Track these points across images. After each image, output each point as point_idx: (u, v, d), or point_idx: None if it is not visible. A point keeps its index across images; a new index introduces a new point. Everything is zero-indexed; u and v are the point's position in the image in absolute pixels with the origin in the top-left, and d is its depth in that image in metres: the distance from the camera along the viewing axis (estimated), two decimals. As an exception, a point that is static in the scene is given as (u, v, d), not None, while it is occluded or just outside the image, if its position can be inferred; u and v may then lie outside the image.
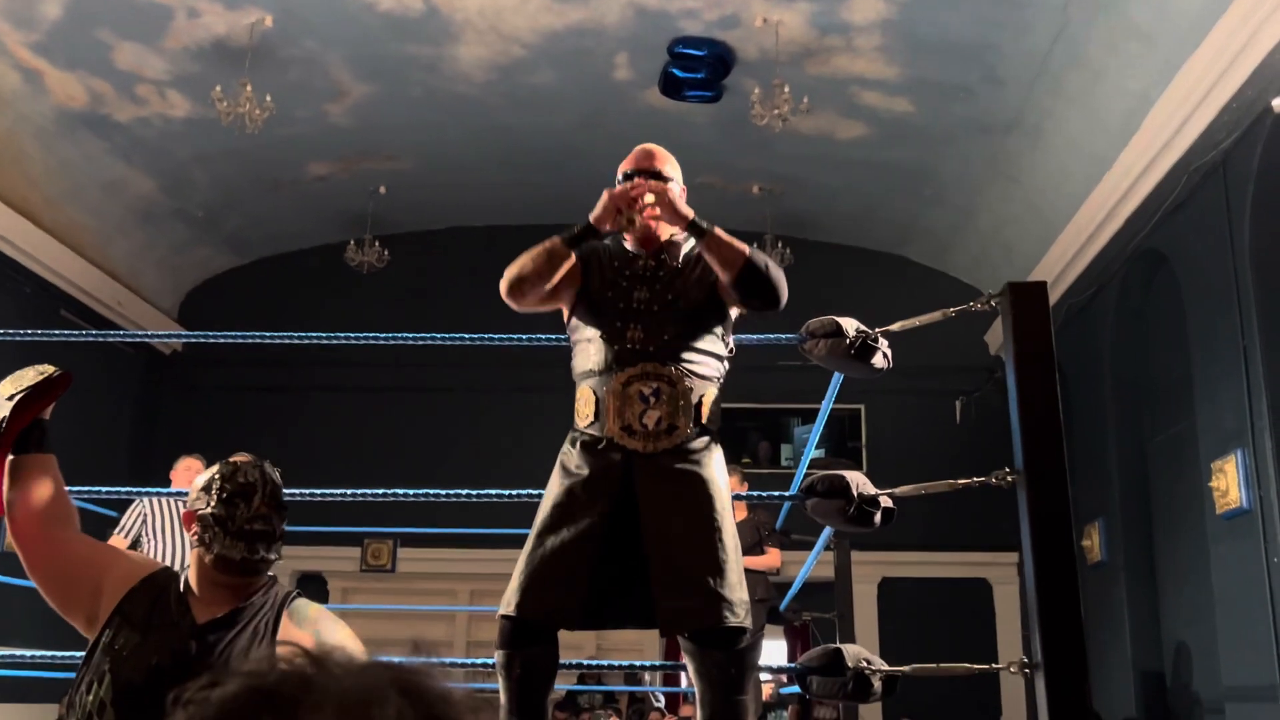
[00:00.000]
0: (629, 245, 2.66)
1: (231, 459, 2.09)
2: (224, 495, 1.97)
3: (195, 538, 1.99)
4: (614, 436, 2.44)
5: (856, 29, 7.24)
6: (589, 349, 2.55)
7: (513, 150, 9.11)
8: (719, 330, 2.59)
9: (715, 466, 2.50)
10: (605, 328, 2.53)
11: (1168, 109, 6.54)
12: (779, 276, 2.54)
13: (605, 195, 2.52)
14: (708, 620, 2.35)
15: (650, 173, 2.60)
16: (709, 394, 2.53)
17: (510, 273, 2.57)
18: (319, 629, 1.97)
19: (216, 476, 2.02)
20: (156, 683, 1.82)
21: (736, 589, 2.39)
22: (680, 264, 2.61)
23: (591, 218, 2.53)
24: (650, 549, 2.36)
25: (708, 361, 2.55)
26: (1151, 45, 6.37)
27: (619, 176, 2.65)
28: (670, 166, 2.66)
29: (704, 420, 2.50)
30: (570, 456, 2.50)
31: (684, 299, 2.55)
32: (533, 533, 2.45)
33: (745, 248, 2.52)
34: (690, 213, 2.51)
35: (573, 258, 2.55)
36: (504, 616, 2.41)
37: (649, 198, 2.50)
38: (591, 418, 2.48)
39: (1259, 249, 5.93)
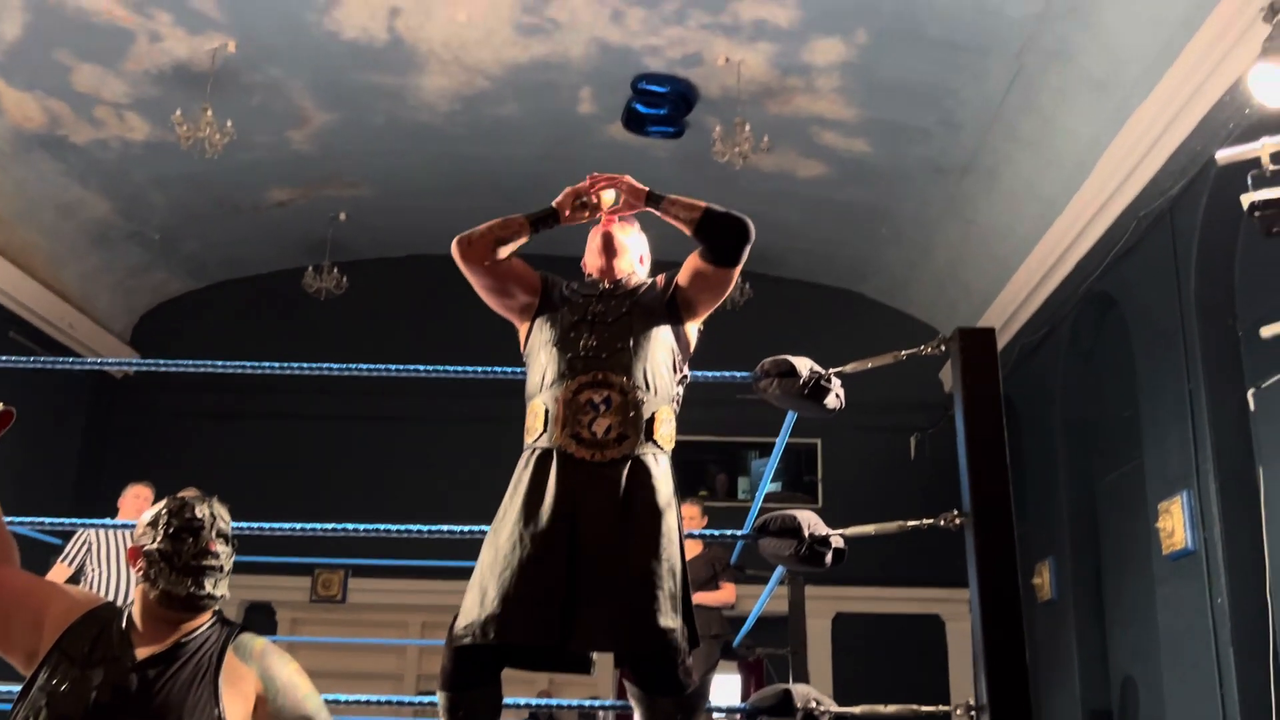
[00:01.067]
0: (589, 273, 2.75)
1: (179, 494, 2.08)
2: (170, 531, 1.96)
3: (140, 573, 1.97)
4: (562, 445, 2.40)
5: (817, 70, 7.36)
6: (541, 360, 2.56)
7: (474, 180, 9.12)
8: (674, 352, 2.61)
9: (664, 489, 2.45)
10: (559, 336, 2.55)
11: (1117, 156, 6.70)
12: (740, 215, 2.65)
13: (567, 189, 2.64)
14: (640, 645, 2.30)
15: (633, 220, 2.81)
16: (661, 412, 2.51)
17: (466, 231, 2.66)
18: (265, 665, 1.95)
19: (164, 512, 2.00)
20: (95, 718, 1.79)
21: (667, 617, 2.32)
22: (637, 289, 2.69)
23: (554, 203, 2.63)
24: (591, 564, 2.31)
25: (661, 378, 2.54)
26: (1103, 94, 6.53)
27: (590, 240, 2.84)
28: (631, 236, 2.85)
29: (655, 437, 2.48)
30: (520, 474, 2.47)
31: (639, 315, 2.59)
32: (486, 556, 2.39)
33: (702, 202, 2.64)
34: (645, 188, 2.67)
35: (526, 236, 2.63)
36: (457, 649, 2.34)
37: (608, 196, 2.62)
38: (540, 430, 2.46)
39: (1204, 295, 6.07)
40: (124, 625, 1.94)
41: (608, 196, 2.61)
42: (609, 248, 2.72)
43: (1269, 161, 3.81)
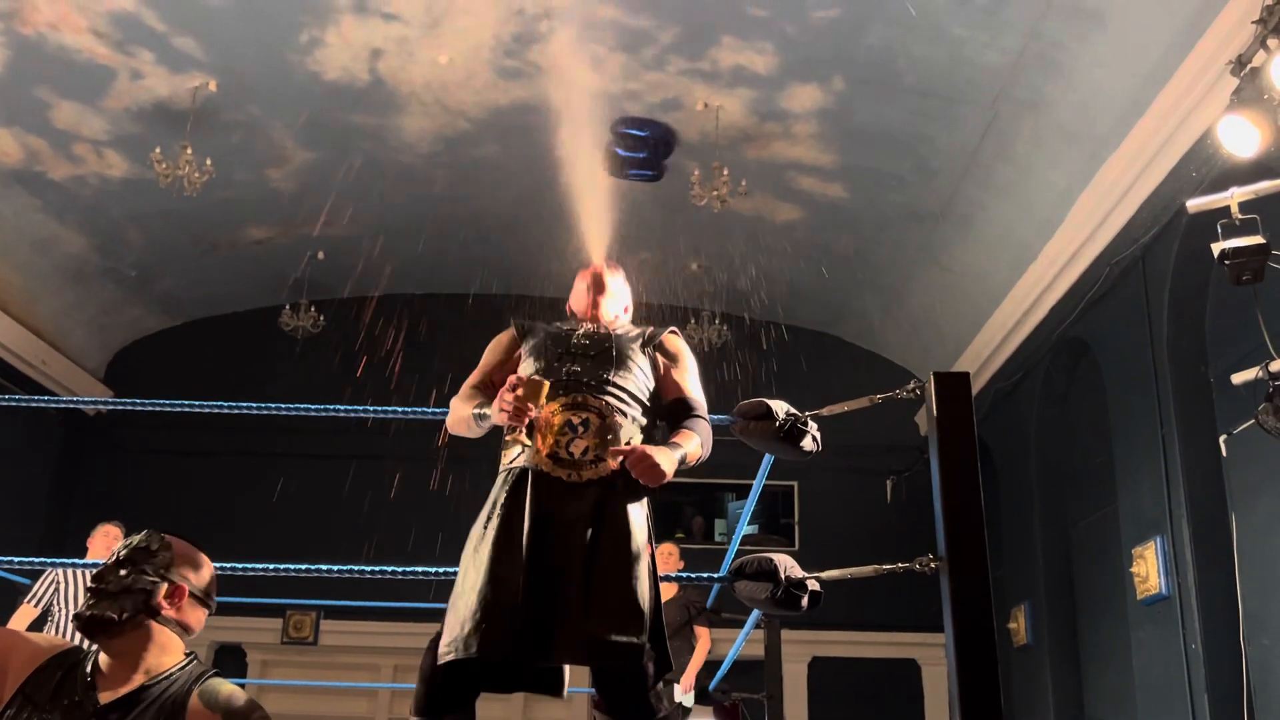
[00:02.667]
0: (574, 312, 2.86)
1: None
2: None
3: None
4: (539, 465, 2.44)
5: (794, 116, 7.45)
6: None
7: (453, 221, 9.15)
8: (649, 391, 2.68)
9: (636, 513, 2.48)
10: (543, 364, 2.61)
11: (1090, 204, 6.80)
12: (710, 441, 2.66)
13: (501, 393, 2.47)
14: (612, 658, 2.31)
15: (620, 280, 2.90)
16: (638, 438, 2.56)
17: (448, 422, 2.72)
18: (230, 713, 1.89)
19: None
20: None
21: (641, 633, 2.33)
22: (620, 332, 2.76)
23: (490, 411, 2.53)
24: (566, 579, 2.34)
25: (639, 405, 2.62)
26: (1075, 143, 6.64)
27: (577, 282, 2.90)
28: (618, 282, 2.92)
29: None
30: (497, 494, 2.50)
31: (622, 347, 2.67)
32: (465, 571, 2.41)
33: (697, 448, 2.58)
34: (671, 468, 2.43)
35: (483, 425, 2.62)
36: (442, 666, 2.32)
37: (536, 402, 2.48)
38: (519, 450, 2.50)
39: (1176, 341, 6.14)
40: (89, 669, 1.90)
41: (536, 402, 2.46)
42: (598, 285, 2.81)
43: (1238, 211, 3.88)
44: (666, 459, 2.40)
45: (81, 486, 10.06)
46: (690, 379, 2.73)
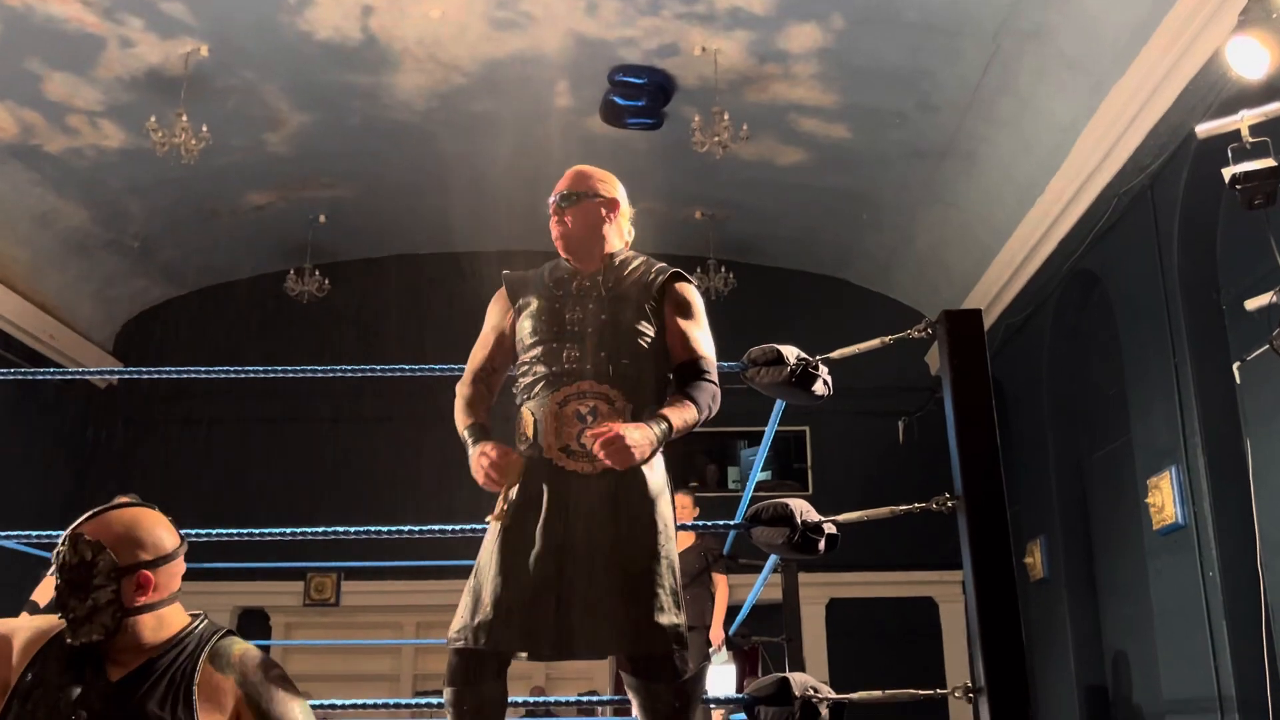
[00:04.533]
0: (564, 259, 2.65)
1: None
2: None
3: None
4: (553, 459, 2.41)
5: (794, 57, 7.34)
6: (528, 370, 2.55)
7: (453, 178, 9.08)
8: (656, 350, 2.56)
9: (656, 487, 2.46)
10: (542, 349, 2.51)
11: (1096, 134, 6.71)
12: (716, 402, 2.54)
13: (479, 458, 2.39)
14: (641, 647, 2.34)
15: (566, 197, 2.62)
16: (648, 412, 2.48)
17: (456, 406, 2.61)
18: (243, 672, 1.84)
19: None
20: None
21: (665, 614, 2.35)
22: (615, 283, 2.59)
23: (470, 454, 2.45)
24: (585, 572, 2.34)
25: (646, 381, 2.52)
26: (1079, 73, 6.53)
27: (554, 197, 2.64)
28: (594, 186, 2.65)
29: None
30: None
31: (620, 319, 2.52)
32: (480, 561, 2.41)
33: (694, 414, 2.46)
34: (648, 445, 2.33)
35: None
36: (457, 650, 2.36)
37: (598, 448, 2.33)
38: (530, 439, 2.46)
39: (1187, 269, 6.09)
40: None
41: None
42: (562, 229, 2.61)
43: (1248, 134, 3.81)
44: (644, 437, 2.30)
45: (97, 459, 10.11)
46: (698, 333, 2.58)
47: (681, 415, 2.41)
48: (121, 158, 8.28)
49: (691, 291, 2.66)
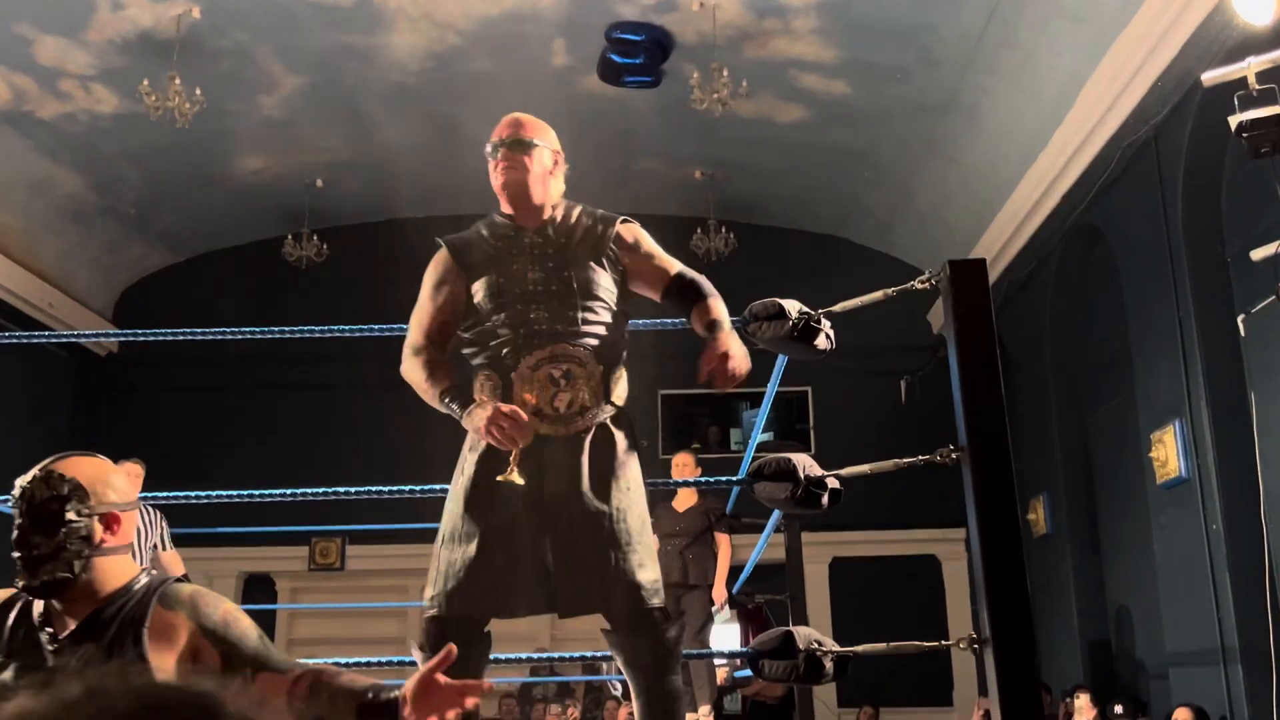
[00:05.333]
0: (506, 211, 2.59)
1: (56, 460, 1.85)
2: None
3: None
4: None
5: (793, 11, 7.25)
6: (492, 333, 2.48)
7: (450, 139, 9.00)
8: (615, 302, 2.54)
9: (625, 448, 2.47)
10: (506, 313, 2.46)
11: (1099, 86, 6.63)
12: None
13: (496, 416, 2.30)
14: (621, 603, 2.36)
15: (519, 142, 2.56)
16: (617, 372, 2.51)
17: (408, 373, 2.53)
18: (195, 605, 1.80)
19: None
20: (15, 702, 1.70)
21: (644, 570, 2.38)
22: (566, 239, 2.55)
23: (468, 418, 2.38)
24: (564, 533, 2.36)
25: (612, 338, 2.52)
26: (1081, 24, 6.44)
27: (488, 147, 2.61)
28: (541, 135, 2.60)
29: (613, 399, 2.48)
30: (478, 445, 2.42)
31: (578, 276, 2.49)
32: (449, 527, 2.40)
33: (723, 305, 2.55)
34: (741, 348, 2.46)
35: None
36: (433, 618, 2.36)
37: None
38: (497, 400, 2.42)
39: (1191, 221, 6.04)
40: (42, 607, 1.82)
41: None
42: (509, 181, 2.55)
43: (1255, 81, 3.75)
44: (738, 343, 2.44)
45: (98, 427, 10.10)
46: (666, 257, 2.61)
47: (723, 311, 2.51)
48: (115, 123, 8.20)
49: (639, 229, 2.65)
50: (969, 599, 9.52)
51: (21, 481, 1.81)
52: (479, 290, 2.51)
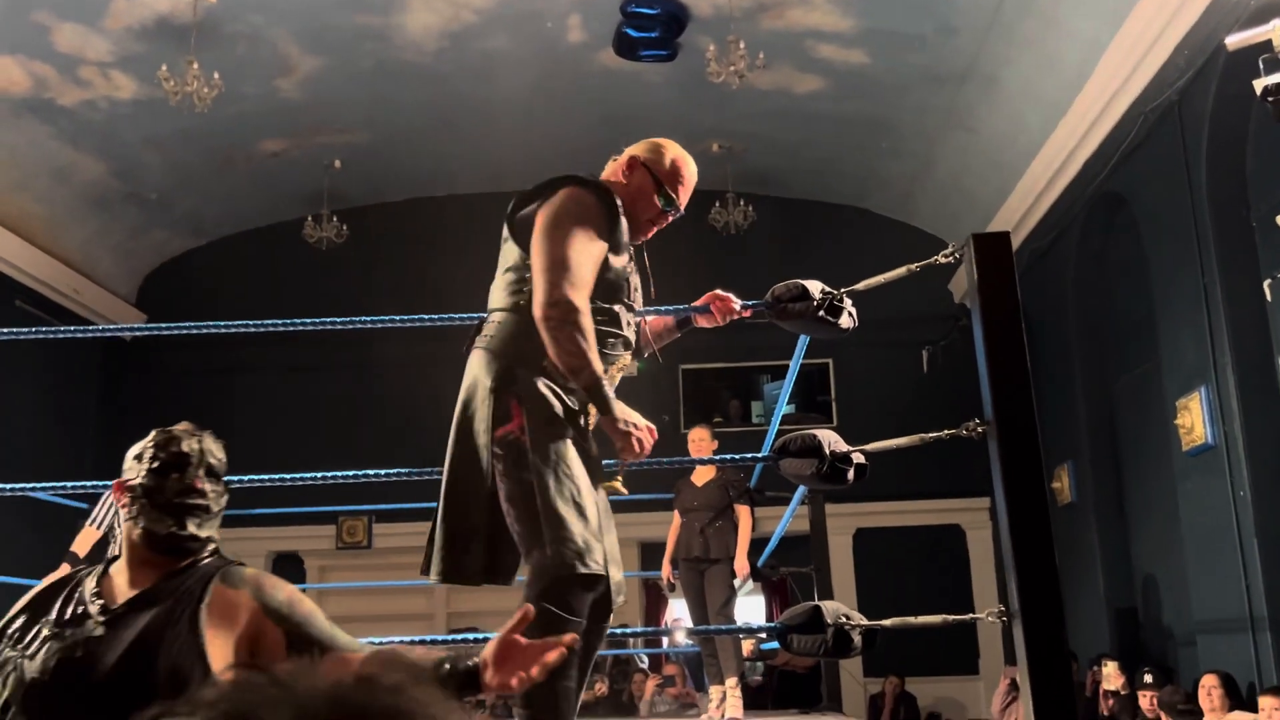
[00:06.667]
0: (641, 213, 2.59)
1: (169, 428, 1.92)
2: (155, 465, 1.82)
3: (125, 510, 1.84)
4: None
5: (809, -19, 7.19)
6: (613, 319, 2.45)
7: (467, 118, 9.01)
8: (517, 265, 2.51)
9: (470, 384, 2.42)
10: (622, 306, 2.48)
11: (1120, 52, 6.55)
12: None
13: (641, 430, 2.35)
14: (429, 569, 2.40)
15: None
16: (494, 315, 2.49)
17: (585, 328, 2.30)
18: (258, 586, 1.80)
19: (150, 445, 1.86)
20: (64, 674, 1.68)
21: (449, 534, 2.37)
22: (643, 265, 2.65)
23: (616, 420, 2.33)
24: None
25: (499, 290, 2.59)
26: (1104, -13, 6.37)
27: (666, 200, 2.56)
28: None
29: (481, 335, 2.50)
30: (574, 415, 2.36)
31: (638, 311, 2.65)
32: (571, 490, 2.27)
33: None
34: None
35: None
36: (593, 575, 2.23)
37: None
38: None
39: (1215, 186, 5.98)
40: (95, 582, 1.81)
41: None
42: (654, 224, 2.64)
43: (1280, 44, 3.71)
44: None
45: (126, 410, 10.21)
46: None
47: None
48: (135, 109, 8.24)
49: None
50: (994, 568, 9.52)
51: (185, 435, 1.87)
52: (613, 266, 2.42)
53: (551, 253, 2.29)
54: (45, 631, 1.74)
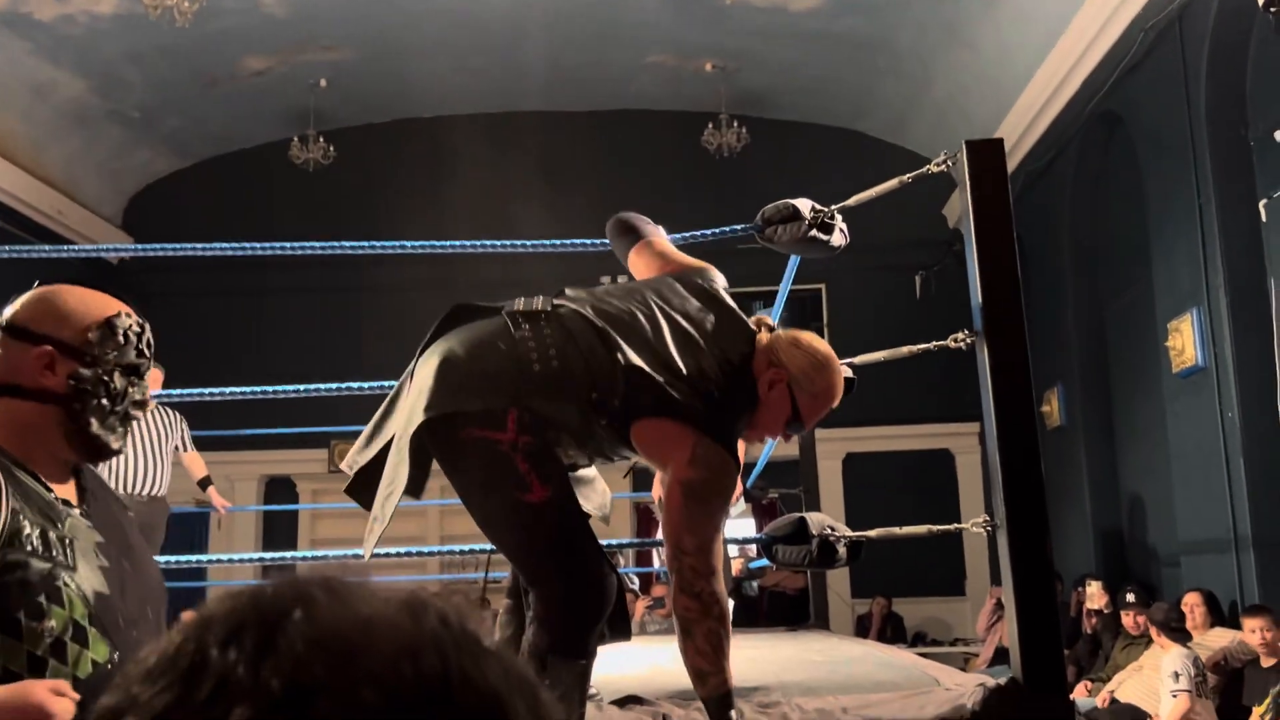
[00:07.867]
0: (754, 435, 2.42)
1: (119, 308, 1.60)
2: (137, 361, 1.53)
3: (48, 380, 1.44)
4: None
5: (805, -107, 7.00)
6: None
7: (455, 35, 8.81)
8: None
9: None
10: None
11: (1123, -35, 6.42)
12: None
13: None
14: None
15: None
16: None
17: (720, 612, 2.05)
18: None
19: (135, 325, 1.56)
20: (116, 583, 1.43)
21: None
22: None
23: None
24: None
25: None
26: (1107, -102, 6.21)
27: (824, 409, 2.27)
28: None
29: None
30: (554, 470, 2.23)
31: None
32: (576, 513, 2.21)
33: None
34: None
35: None
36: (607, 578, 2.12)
37: None
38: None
39: (1214, 106, 5.89)
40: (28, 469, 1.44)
41: None
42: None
43: (1285, -47, 3.62)
44: None
45: (115, 334, 10.15)
46: None
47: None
48: (115, 24, 8.05)
49: None
50: (983, 493, 9.59)
51: (129, 311, 1.59)
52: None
53: (699, 530, 2.02)
54: (72, 536, 1.42)
